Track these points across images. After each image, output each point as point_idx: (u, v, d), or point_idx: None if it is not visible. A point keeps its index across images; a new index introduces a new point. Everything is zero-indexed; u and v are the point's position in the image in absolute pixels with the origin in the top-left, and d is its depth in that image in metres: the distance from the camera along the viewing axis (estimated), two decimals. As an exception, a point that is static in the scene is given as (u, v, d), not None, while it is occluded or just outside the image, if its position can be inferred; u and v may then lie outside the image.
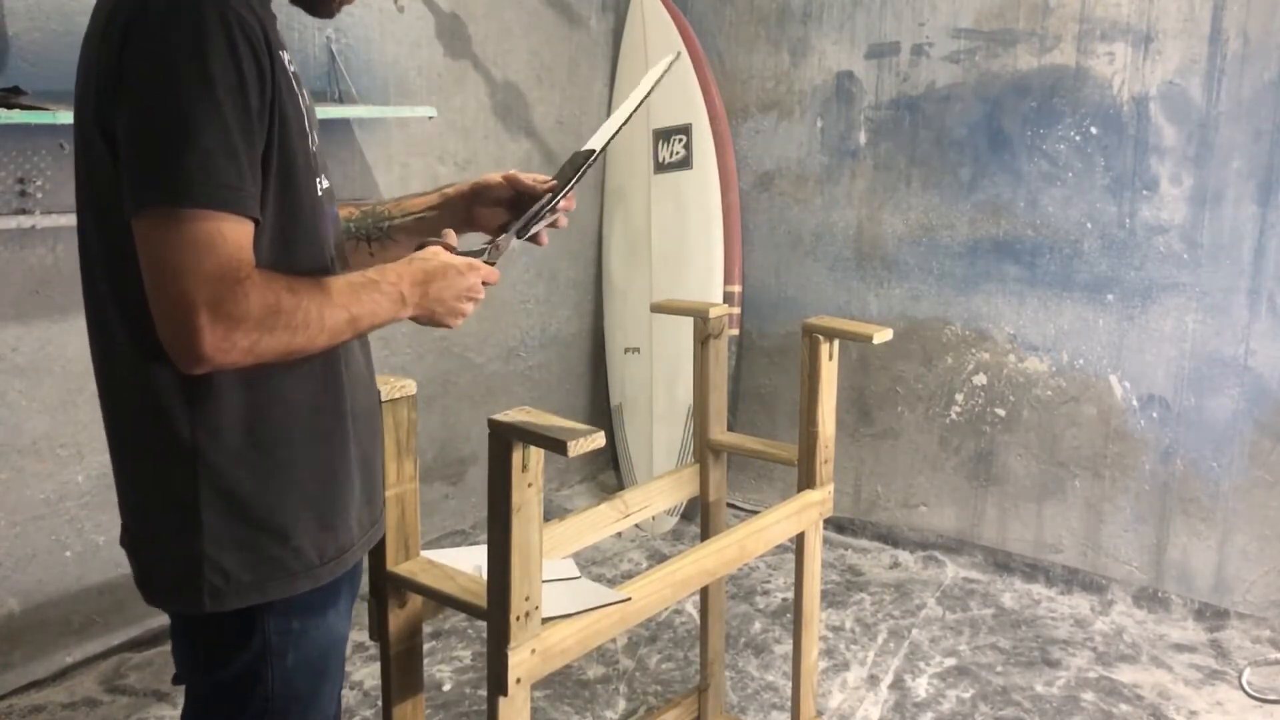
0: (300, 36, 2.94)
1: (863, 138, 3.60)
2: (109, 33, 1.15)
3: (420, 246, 1.40)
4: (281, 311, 1.16)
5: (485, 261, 1.43)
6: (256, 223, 1.18)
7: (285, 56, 1.24)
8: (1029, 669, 2.92)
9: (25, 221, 2.44)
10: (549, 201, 1.55)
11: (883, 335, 2.08)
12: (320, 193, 1.32)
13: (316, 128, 1.35)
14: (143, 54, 1.12)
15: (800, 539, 2.15)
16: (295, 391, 1.29)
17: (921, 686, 2.83)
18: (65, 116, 2.27)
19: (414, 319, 1.35)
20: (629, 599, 1.68)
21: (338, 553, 1.35)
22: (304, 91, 1.31)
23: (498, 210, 1.62)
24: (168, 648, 2.77)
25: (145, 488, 1.29)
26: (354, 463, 1.37)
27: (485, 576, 1.54)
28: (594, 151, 1.60)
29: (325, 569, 1.33)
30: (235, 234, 1.13)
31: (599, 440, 1.38)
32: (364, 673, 2.80)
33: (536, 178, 1.63)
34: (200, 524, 1.25)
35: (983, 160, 3.39)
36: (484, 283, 1.40)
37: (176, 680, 1.38)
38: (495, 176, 1.62)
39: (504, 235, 1.51)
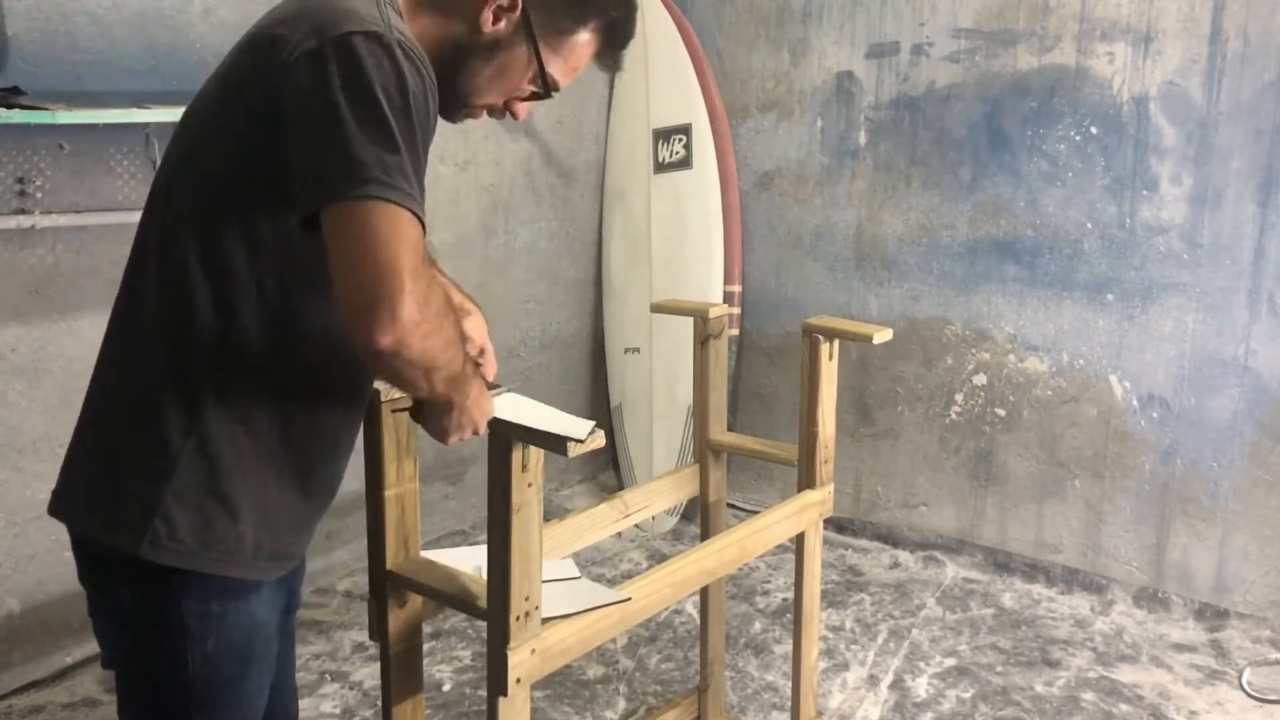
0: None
1: (863, 138, 3.60)
2: (286, 48, 1.21)
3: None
4: (449, 315, 1.24)
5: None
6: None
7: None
8: (1029, 669, 2.92)
9: (25, 221, 2.44)
10: None
11: (883, 335, 2.08)
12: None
13: None
14: (347, 75, 1.18)
15: (800, 539, 2.15)
16: (322, 409, 1.36)
17: (921, 686, 2.83)
18: (65, 116, 2.27)
19: (432, 406, 1.35)
20: (629, 599, 1.68)
21: (271, 558, 1.37)
22: None
23: None
24: (168, 648, 2.78)
25: (133, 428, 1.32)
26: (316, 488, 1.41)
27: (485, 576, 1.54)
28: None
29: (259, 564, 1.35)
30: (419, 233, 1.19)
31: (599, 440, 1.38)
32: (364, 673, 2.80)
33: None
34: (171, 475, 1.28)
35: (983, 160, 3.39)
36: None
37: (105, 664, 1.42)
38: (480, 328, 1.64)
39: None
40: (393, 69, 1.18)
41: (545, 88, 1.46)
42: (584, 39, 1.50)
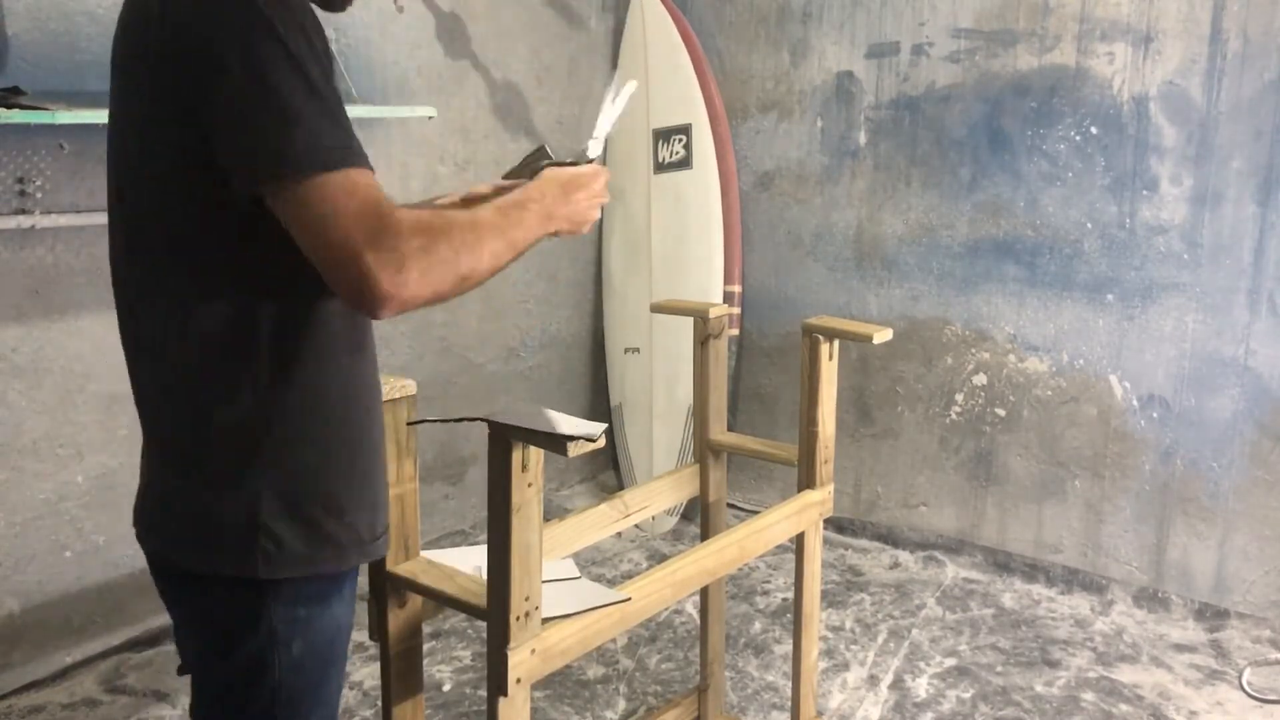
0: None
1: (863, 138, 3.60)
2: (158, 29, 1.18)
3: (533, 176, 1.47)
4: (436, 231, 1.20)
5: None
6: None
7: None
8: (1029, 669, 2.92)
9: (25, 221, 2.44)
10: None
11: (883, 335, 2.08)
12: None
13: None
14: (220, 39, 1.15)
15: (800, 539, 2.15)
16: (354, 375, 1.34)
17: (921, 687, 2.83)
18: (65, 116, 2.27)
19: (554, 233, 1.41)
20: (629, 599, 1.68)
21: (384, 530, 1.40)
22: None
23: None
24: (168, 648, 2.78)
25: (213, 450, 1.29)
26: (373, 468, 1.41)
27: (485, 576, 1.54)
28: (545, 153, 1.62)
29: (374, 546, 1.37)
30: (365, 179, 1.17)
31: (599, 440, 1.38)
32: (364, 673, 2.80)
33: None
34: (263, 490, 1.27)
35: (983, 160, 3.39)
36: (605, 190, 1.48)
37: (181, 671, 1.39)
38: (484, 188, 1.65)
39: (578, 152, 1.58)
40: (259, 13, 1.14)
41: None
42: None
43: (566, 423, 1.40)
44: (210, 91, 1.16)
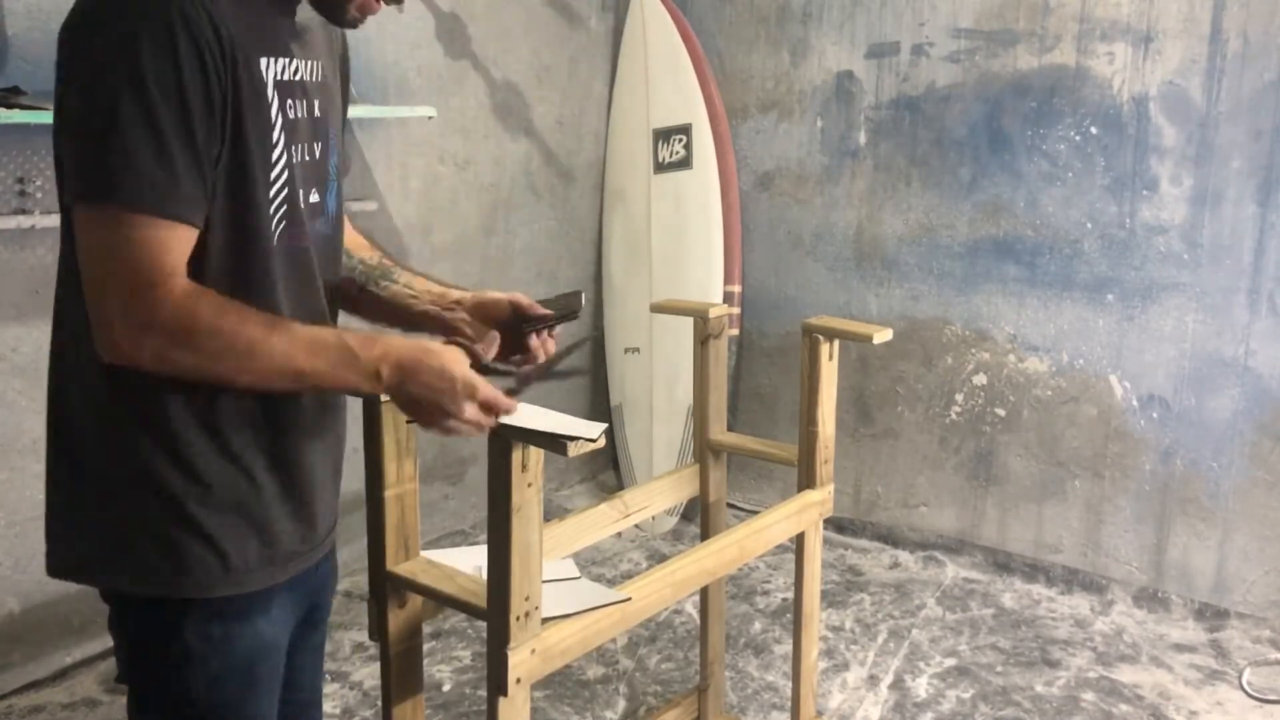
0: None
1: (863, 138, 3.60)
2: (61, 32, 1.17)
3: (449, 342, 1.34)
4: (198, 332, 1.15)
5: (506, 389, 1.35)
6: (199, 226, 1.17)
7: (271, 63, 1.23)
8: (1029, 669, 2.92)
9: (25, 221, 2.44)
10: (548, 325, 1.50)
11: (883, 335, 2.08)
12: (298, 207, 1.29)
13: (314, 138, 1.32)
14: (78, 51, 1.14)
15: (800, 539, 2.15)
16: (232, 398, 1.28)
17: (921, 686, 2.83)
18: (65, 116, 2.27)
19: (403, 408, 1.30)
20: (629, 599, 1.68)
21: (265, 564, 1.33)
22: (303, 100, 1.28)
23: (487, 327, 1.52)
24: (167, 648, 2.78)
25: (80, 473, 1.29)
26: (292, 481, 1.35)
27: (485, 576, 1.54)
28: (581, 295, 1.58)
29: (253, 577, 1.31)
30: (157, 237, 1.13)
31: (599, 441, 1.38)
32: (364, 673, 2.80)
33: (536, 307, 1.56)
34: (136, 514, 1.26)
35: (983, 160, 3.39)
36: (492, 411, 1.31)
37: (119, 679, 1.38)
38: (502, 299, 1.55)
39: (528, 368, 1.46)
40: (129, 29, 1.11)
41: None
42: None
43: (566, 423, 1.39)
44: (62, 94, 1.16)
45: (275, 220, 1.26)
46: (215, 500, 1.28)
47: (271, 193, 1.25)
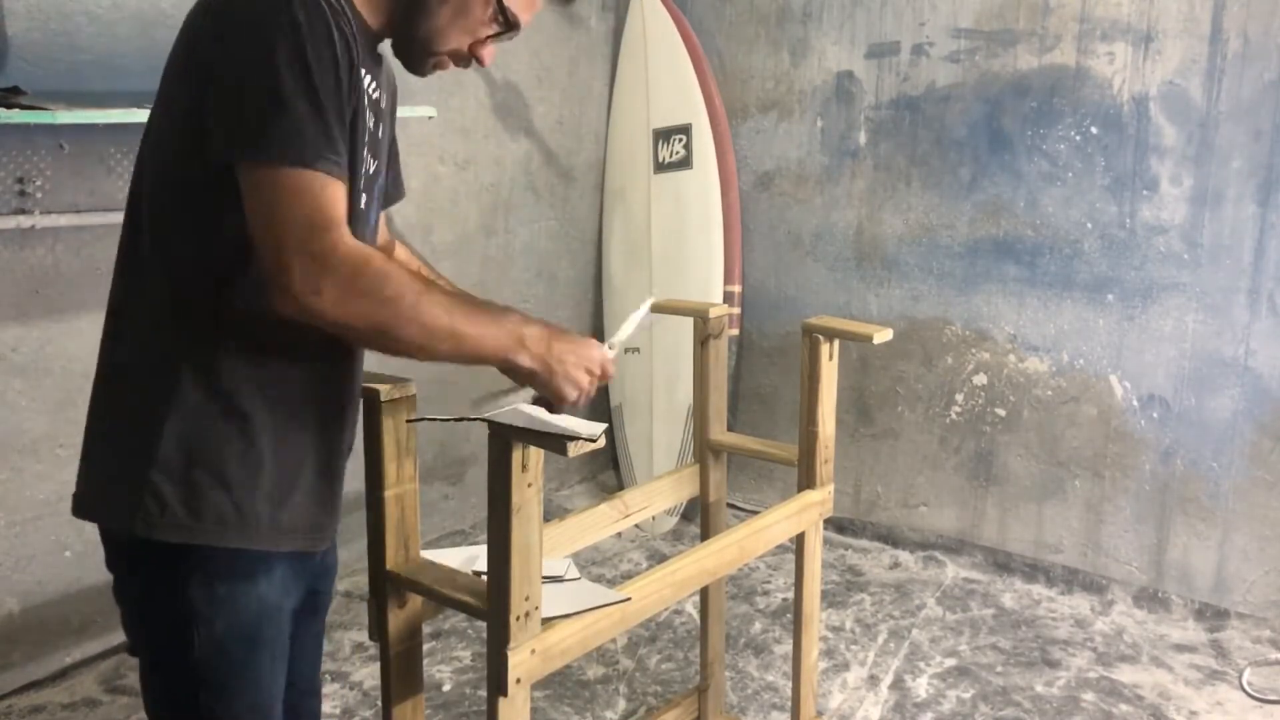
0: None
1: (863, 138, 3.60)
2: (203, 22, 1.27)
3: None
4: (369, 274, 1.21)
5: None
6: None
7: (369, 80, 1.34)
8: (1029, 669, 2.92)
9: (25, 221, 2.44)
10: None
11: (883, 335, 2.08)
12: (359, 211, 1.37)
13: (377, 155, 1.42)
14: (240, 25, 1.21)
15: (800, 539, 2.14)
16: (304, 369, 1.35)
17: (921, 687, 2.83)
18: (65, 116, 2.27)
19: (530, 373, 1.38)
20: (629, 599, 1.68)
21: (274, 526, 1.36)
22: (376, 118, 1.38)
23: None
24: (167, 648, 2.78)
25: (115, 410, 1.36)
26: (316, 465, 1.41)
27: (485, 576, 1.54)
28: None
29: (262, 535, 1.35)
30: (325, 188, 1.20)
31: (599, 441, 1.38)
32: (364, 673, 2.80)
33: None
34: (156, 451, 1.29)
35: (983, 160, 3.39)
36: (605, 373, 1.44)
37: (129, 651, 1.41)
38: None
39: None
40: (292, 19, 1.19)
41: (507, 23, 1.42)
42: None
43: (566, 423, 1.40)
44: (219, 62, 1.22)
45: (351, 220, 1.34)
46: (242, 455, 1.32)
47: (356, 196, 1.34)
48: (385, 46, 1.44)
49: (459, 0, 1.38)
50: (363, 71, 1.30)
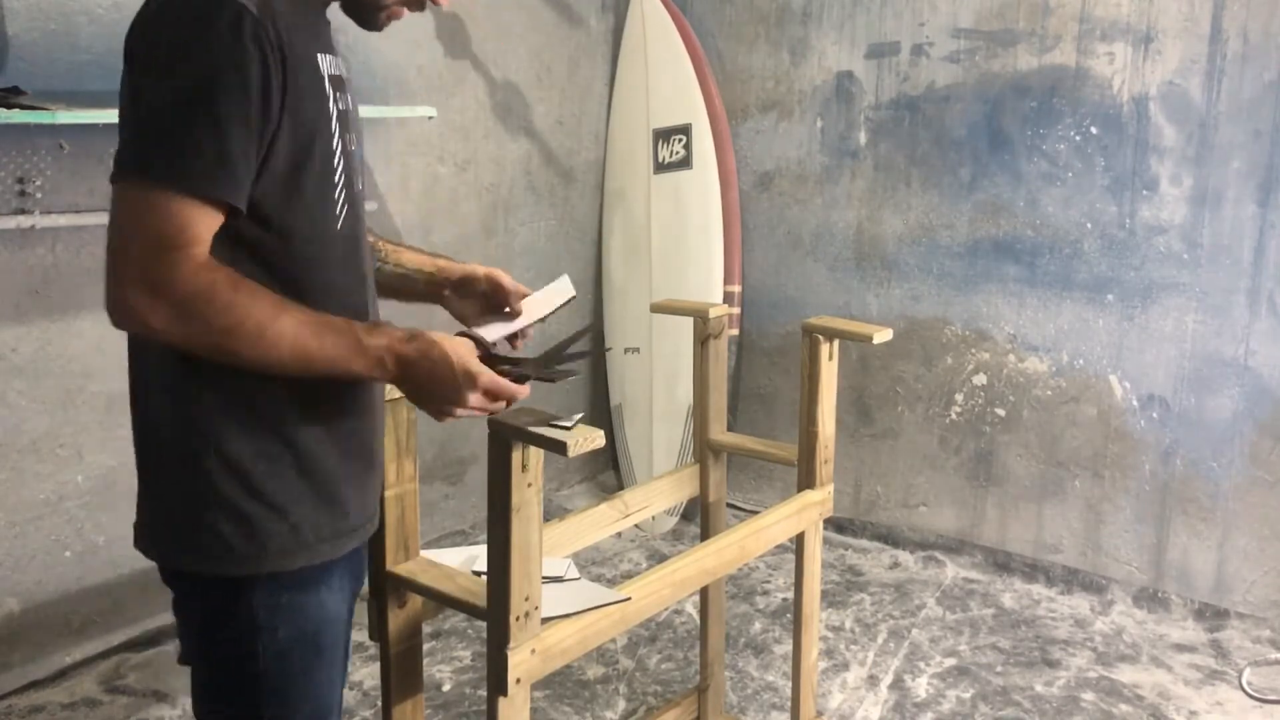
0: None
1: (863, 138, 3.60)
2: (133, 27, 1.24)
3: (459, 333, 1.42)
4: (210, 302, 1.19)
5: (513, 374, 1.36)
6: (232, 210, 1.22)
7: (322, 58, 1.33)
8: (1029, 669, 2.92)
9: (25, 221, 2.44)
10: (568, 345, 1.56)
11: (882, 335, 2.08)
12: (353, 193, 1.37)
13: (353, 130, 1.40)
14: (148, 43, 1.21)
15: (800, 539, 2.15)
16: (323, 381, 1.33)
17: (921, 687, 2.83)
18: (65, 116, 2.27)
19: (405, 393, 1.35)
20: (629, 599, 1.68)
21: (334, 535, 1.37)
22: (344, 94, 1.37)
23: (470, 302, 1.63)
24: (167, 648, 2.78)
25: (159, 454, 1.34)
26: (354, 452, 1.39)
27: (485, 574, 1.54)
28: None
29: (323, 547, 1.35)
30: (184, 212, 1.18)
31: (599, 440, 1.38)
32: (364, 673, 2.80)
33: (519, 287, 1.64)
34: (207, 486, 1.29)
35: (983, 160, 3.39)
36: (497, 398, 1.33)
37: (181, 660, 1.41)
38: (480, 271, 1.62)
39: (534, 361, 1.47)
40: (195, 22, 1.18)
41: None
42: None
43: (566, 423, 1.40)
44: (129, 83, 1.22)
45: (339, 206, 1.33)
46: (285, 471, 1.32)
47: (335, 178, 1.32)
48: (334, 10, 1.44)
49: None
50: (310, 55, 1.29)
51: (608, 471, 4.15)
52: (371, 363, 1.27)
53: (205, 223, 1.20)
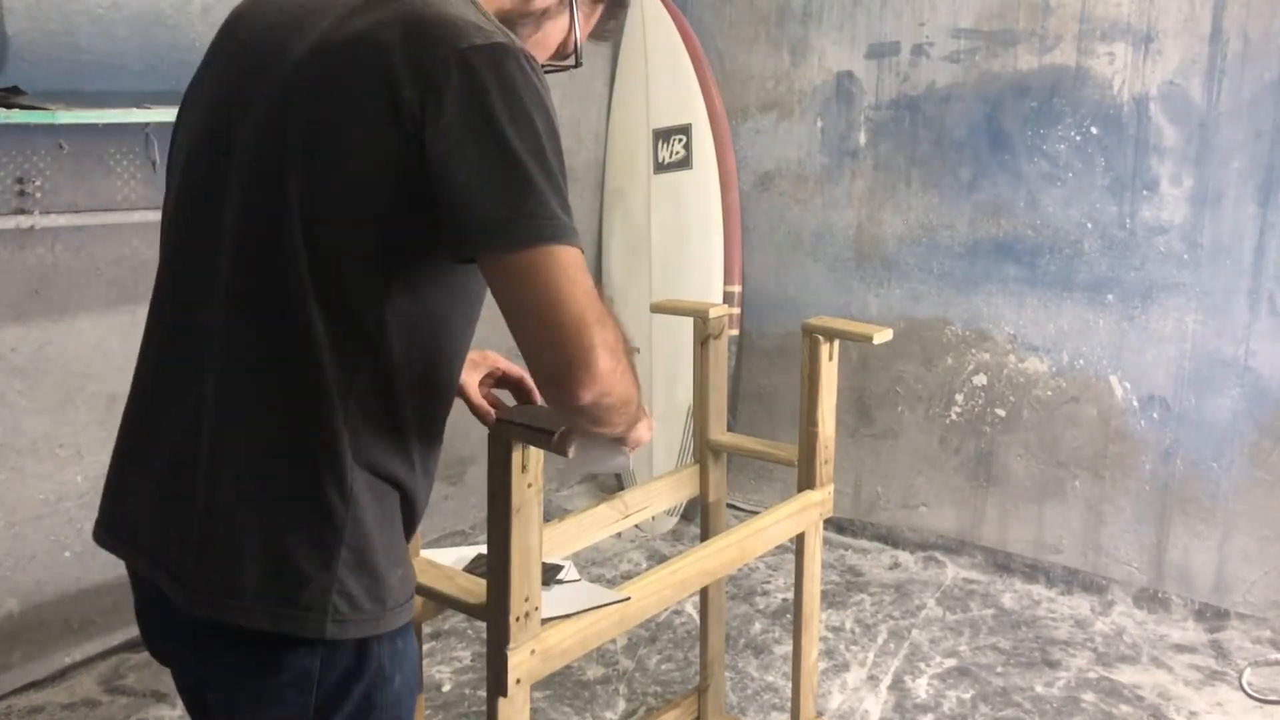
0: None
1: (863, 138, 3.60)
2: (458, 54, 1.11)
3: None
4: (625, 349, 1.18)
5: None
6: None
7: None
8: (1029, 670, 2.92)
9: (24, 221, 2.44)
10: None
11: (883, 335, 2.08)
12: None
13: None
14: (495, 84, 1.10)
15: (800, 539, 2.14)
16: (435, 421, 1.28)
17: (921, 687, 2.83)
18: (65, 116, 2.27)
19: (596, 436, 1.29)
20: (628, 599, 1.68)
21: (410, 594, 1.30)
22: None
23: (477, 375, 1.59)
24: (167, 648, 2.78)
25: (288, 503, 1.20)
26: (427, 483, 1.33)
27: (472, 568, 1.54)
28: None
29: (407, 608, 1.28)
30: (583, 262, 1.14)
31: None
32: (364, 673, 2.79)
33: (512, 369, 1.60)
34: (339, 545, 1.18)
35: (983, 160, 3.39)
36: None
37: None
38: (485, 368, 1.60)
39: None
40: (535, 84, 1.12)
41: (578, 58, 1.40)
42: (600, 8, 1.44)
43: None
44: (445, 138, 1.09)
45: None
46: (394, 528, 1.25)
47: None
48: None
49: (545, 31, 1.35)
50: None
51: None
52: (621, 436, 1.29)
53: None
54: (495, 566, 1.48)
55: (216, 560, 1.20)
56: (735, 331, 3.82)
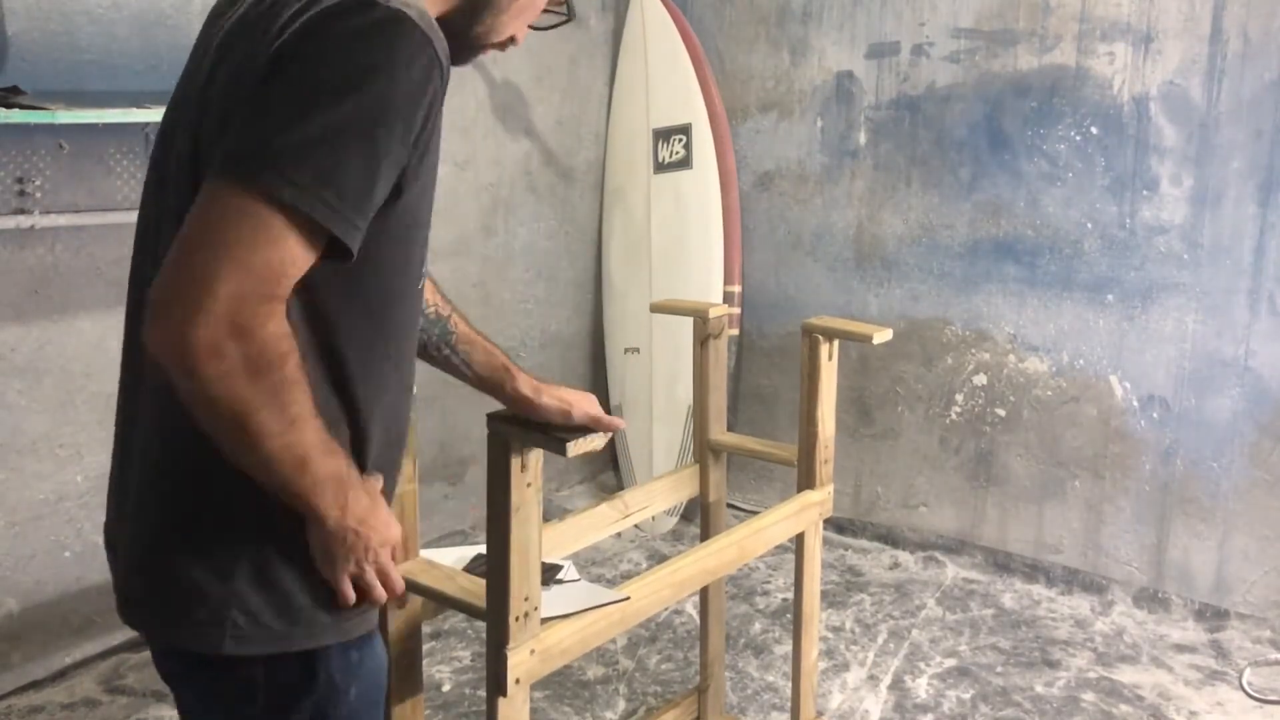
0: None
1: (863, 138, 3.60)
2: (309, 25, 1.07)
3: None
4: (279, 371, 1.03)
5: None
6: (340, 259, 1.07)
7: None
8: (1029, 669, 2.92)
9: (24, 221, 2.44)
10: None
11: (882, 335, 2.08)
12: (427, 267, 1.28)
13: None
14: (332, 47, 1.04)
15: (800, 539, 2.14)
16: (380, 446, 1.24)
17: (921, 687, 2.83)
18: (65, 116, 2.27)
19: (323, 533, 1.14)
20: (628, 599, 1.68)
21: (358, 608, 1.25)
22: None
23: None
24: (167, 648, 2.78)
25: (183, 513, 1.17)
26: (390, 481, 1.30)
27: (472, 567, 1.54)
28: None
29: (354, 623, 1.24)
30: (302, 252, 1.03)
31: (598, 442, 1.38)
32: (364, 673, 2.79)
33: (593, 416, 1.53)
34: (237, 557, 1.15)
35: (983, 160, 3.39)
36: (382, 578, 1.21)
37: None
38: (526, 388, 1.58)
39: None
40: (388, 53, 1.05)
41: (570, 10, 1.37)
42: None
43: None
44: (283, 71, 1.05)
45: (425, 231, 1.24)
46: (286, 551, 1.19)
47: (429, 206, 1.23)
48: None
49: None
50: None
51: (608, 472, 4.15)
52: (335, 504, 1.12)
53: (306, 267, 1.04)
54: (495, 566, 1.48)
55: (133, 567, 1.20)
56: (735, 331, 3.82)
